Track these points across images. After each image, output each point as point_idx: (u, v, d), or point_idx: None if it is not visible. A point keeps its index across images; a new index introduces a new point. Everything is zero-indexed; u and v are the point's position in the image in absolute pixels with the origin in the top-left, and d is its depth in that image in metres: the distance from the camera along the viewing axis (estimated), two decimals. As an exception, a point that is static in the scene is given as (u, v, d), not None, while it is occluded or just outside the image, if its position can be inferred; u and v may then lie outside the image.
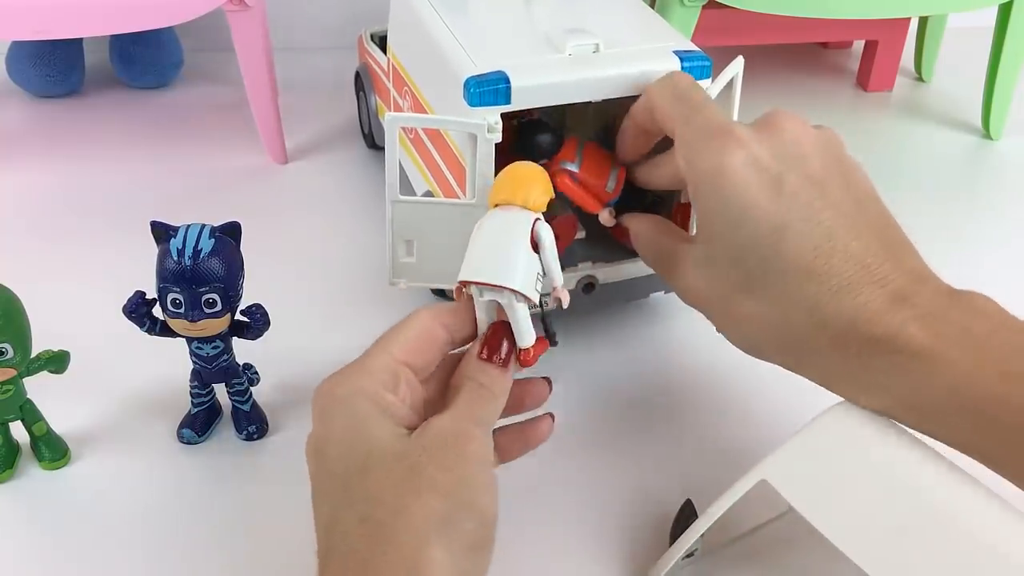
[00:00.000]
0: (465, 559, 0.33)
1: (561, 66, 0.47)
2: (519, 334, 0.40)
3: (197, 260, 0.43)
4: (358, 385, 0.36)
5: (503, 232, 0.40)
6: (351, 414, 0.36)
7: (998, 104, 0.76)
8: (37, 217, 0.66)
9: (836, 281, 0.38)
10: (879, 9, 0.71)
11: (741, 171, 0.40)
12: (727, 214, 0.40)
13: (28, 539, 0.44)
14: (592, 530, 0.45)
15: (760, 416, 0.49)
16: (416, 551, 0.32)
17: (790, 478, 0.38)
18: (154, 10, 0.64)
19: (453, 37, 0.50)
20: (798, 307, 0.39)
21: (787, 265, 0.39)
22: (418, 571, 0.32)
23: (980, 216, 0.70)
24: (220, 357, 0.47)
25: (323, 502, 0.35)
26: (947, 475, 0.36)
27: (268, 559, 0.43)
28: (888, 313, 0.37)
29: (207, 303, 0.44)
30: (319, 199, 0.69)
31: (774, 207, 0.39)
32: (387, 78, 0.63)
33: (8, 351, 0.43)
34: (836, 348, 0.38)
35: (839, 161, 0.42)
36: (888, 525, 0.35)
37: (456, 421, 0.36)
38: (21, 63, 0.78)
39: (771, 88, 0.85)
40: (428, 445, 0.35)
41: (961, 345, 0.36)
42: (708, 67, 0.49)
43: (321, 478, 0.36)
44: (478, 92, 0.46)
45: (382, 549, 0.32)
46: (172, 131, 0.76)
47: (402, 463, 0.34)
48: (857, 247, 0.39)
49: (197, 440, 0.48)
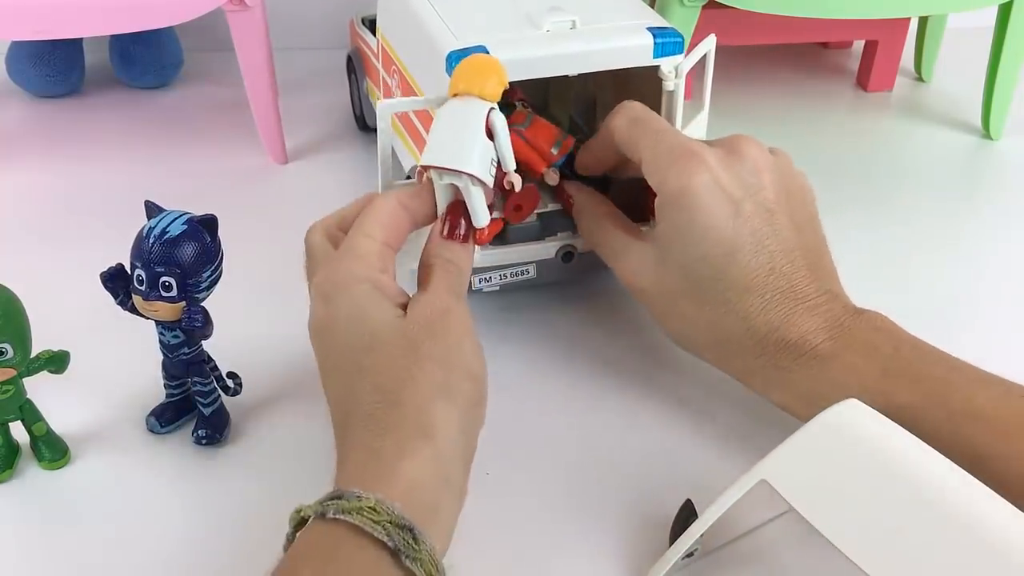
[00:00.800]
0: (465, 414, 0.40)
1: (539, 41, 0.50)
2: (474, 214, 0.44)
3: (160, 240, 0.44)
4: (354, 271, 0.42)
5: (461, 120, 0.44)
6: (352, 297, 0.41)
7: (998, 104, 0.76)
8: (37, 217, 0.66)
9: (768, 297, 0.45)
10: (879, 9, 0.71)
11: (704, 193, 0.45)
12: (689, 231, 0.46)
13: (28, 539, 0.44)
14: (591, 530, 0.45)
15: (760, 415, 0.49)
16: (424, 410, 0.38)
17: (789, 478, 0.38)
18: (154, 10, 0.64)
19: (437, 15, 0.52)
20: (735, 315, 0.46)
21: (732, 282, 0.45)
22: (428, 425, 0.38)
23: (980, 216, 0.70)
24: (180, 348, 0.47)
25: (336, 377, 0.41)
26: (946, 474, 0.36)
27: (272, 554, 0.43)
28: (803, 324, 0.45)
29: (163, 285, 0.44)
30: (319, 199, 0.68)
31: (730, 231, 0.45)
32: (377, 60, 0.65)
33: (8, 351, 0.43)
34: (757, 350, 0.46)
35: (788, 191, 0.48)
36: (887, 525, 0.35)
37: (437, 297, 0.42)
38: (21, 63, 0.78)
39: (771, 88, 0.85)
40: (420, 321, 0.40)
41: (855, 349, 0.44)
42: (680, 43, 0.51)
43: (333, 357, 0.41)
44: None
45: (397, 412, 0.38)
46: (172, 131, 0.76)
47: (402, 340, 0.40)
48: (790, 270, 0.46)
49: (159, 431, 0.49)
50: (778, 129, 0.79)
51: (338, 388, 0.41)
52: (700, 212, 0.45)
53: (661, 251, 0.47)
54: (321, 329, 0.42)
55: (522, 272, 0.54)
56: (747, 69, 0.87)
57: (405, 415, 0.38)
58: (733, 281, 0.45)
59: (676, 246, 0.47)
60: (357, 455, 0.38)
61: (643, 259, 0.48)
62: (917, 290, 0.60)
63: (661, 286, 0.48)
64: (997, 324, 0.58)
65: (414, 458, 0.37)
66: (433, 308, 0.41)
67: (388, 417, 0.38)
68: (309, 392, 0.51)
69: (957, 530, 0.34)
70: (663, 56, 0.51)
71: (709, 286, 0.46)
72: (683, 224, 0.46)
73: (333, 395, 0.41)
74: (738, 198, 0.46)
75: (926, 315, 0.48)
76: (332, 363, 0.42)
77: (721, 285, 0.46)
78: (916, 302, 0.53)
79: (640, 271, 0.49)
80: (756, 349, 0.46)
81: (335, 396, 0.41)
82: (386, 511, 0.34)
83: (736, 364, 0.47)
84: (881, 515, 0.36)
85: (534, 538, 0.44)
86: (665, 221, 0.47)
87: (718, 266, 0.45)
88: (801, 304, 0.45)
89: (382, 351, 0.40)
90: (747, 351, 0.46)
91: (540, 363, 0.54)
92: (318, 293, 0.43)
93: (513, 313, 0.57)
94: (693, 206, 0.45)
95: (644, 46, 0.50)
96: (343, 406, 0.40)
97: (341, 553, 0.34)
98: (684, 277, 0.47)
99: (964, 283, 0.62)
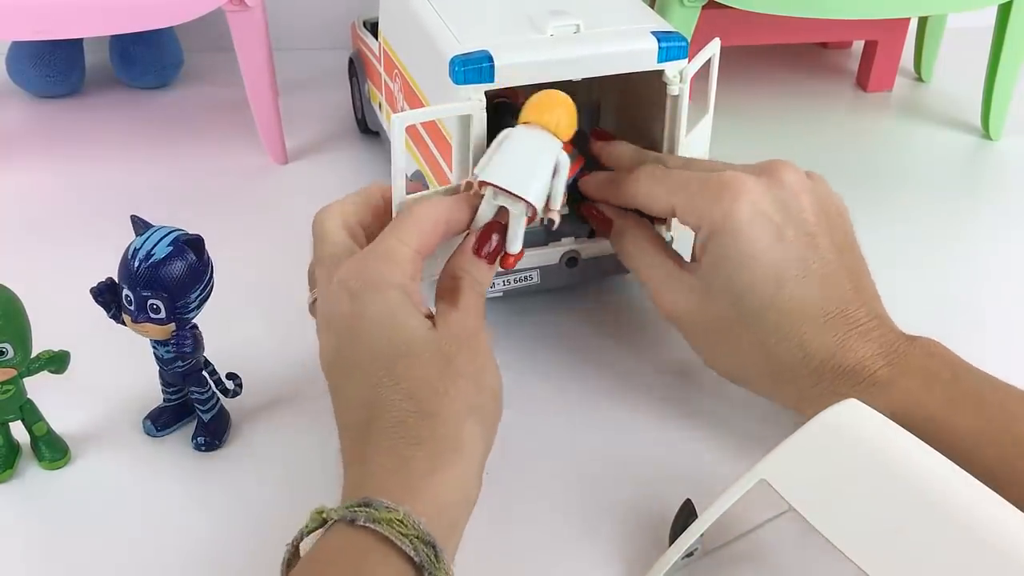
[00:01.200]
0: (487, 430, 0.41)
1: (543, 45, 0.49)
2: (514, 239, 0.45)
3: (145, 263, 0.43)
4: (387, 275, 0.41)
5: (534, 150, 0.44)
6: (384, 301, 0.41)
7: (998, 104, 0.76)
8: (37, 217, 0.66)
9: (821, 322, 0.45)
10: (879, 9, 0.71)
11: (746, 220, 0.45)
12: (735, 259, 0.45)
13: (28, 539, 0.44)
14: (591, 530, 0.45)
15: (759, 414, 0.49)
16: (458, 426, 0.39)
17: (789, 478, 0.38)
18: (154, 10, 0.64)
19: (440, 19, 0.52)
20: (788, 343, 0.45)
21: (783, 309, 0.45)
22: (460, 440, 0.38)
23: (980, 216, 0.70)
24: (174, 362, 0.47)
25: (360, 378, 0.40)
26: (947, 474, 0.36)
27: (272, 554, 0.43)
28: (859, 350, 0.44)
29: (151, 308, 0.44)
30: (319, 199, 0.68)
31: (775, 257, 0.45)
32: (378, 63, 0.65)
33: (8, 351, 0.43)
34: (814, 378, 0.45)
35: (827, 213, 0.47)
36: (888, 525, 0.35)
37: (468, 316, 0.42)
38: (21, 63, 0.78)
39: (771, 88, 0.85)
40: (453, 338, 0.41)
41: (911, 375, 0.43)
42: (684, 47, 0.51)
43: (355, 356, 0.41)
44: (463, 70, 0.47)
45: (430, 424, 0.38)
46: (172, 131, 0.76)
47: (437, 353, 0.40)
48: (838, 294, 0.45)
49: (154, 434, 0.48)
50: (778, 129, 0.79)
51: (362, 389, 0.40)
52: (744, 239, 0.45)
53: (707, 283, 0.47)
54: (343, 326, 0.42)
55: (526, 278, 0.54)
56: (747, 69, 0.87)
57: (438, 428, 0.38)
58: (783, 308, 0.45)
59: (722, 276, 0.46)
60: (385, 460, 0.38)
61: (688, 291, 0.48)
62: (917, 290, 0.60)
63: (707, 318, 0.47)
64: (997, 324, 0.58)
65: (444, 473, 0.37)
66: (465, 327, 0.41)
67: (421, 427, 0.38)
68: (308, 393, 0.51)
69: (957, 530, 0.34)
70: (667, 60, 0.50)
71: (759, 315, 0.45)
72: (728, 253, 0.45)
73: (355, 395, 0.40)
74: (779, 223, 0.45)
75: (926, 315, 0.48)
76: (353, 362, 0.41)
77: (772, 313, 0.45)
78: (916, 302, 0.53)
79: (684, 303, 0.48)
80: (812, 377, 0.45)
81: (357, 396, 0.40)
82: (412, 525, 0.34)
83: (789, 393, 0.46)
84: (882, 515, 0.36)
85: (533, 538, 0.44)
86: (709, 253, 0.46)
87: (766, 293, 0.45)
88: (854, 329, 0.45)
89: (416, 361, 0.40)
90: (802, 379, 0.45)
91: (538, 365, 0.54)
92: (343, 288, 0.42)
93: (514, 316, 0.57)
94: (737, 232, 0.45)
95: (648, 50, 0.50)
96: (367, 408, 0.40)
97: (368, 563, 0.34)
98: (732, 307, 0.46)
99: (964, 283, 0.62)
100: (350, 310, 0.41)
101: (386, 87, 0.64)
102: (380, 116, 0.69)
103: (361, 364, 0.40)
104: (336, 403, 0.42)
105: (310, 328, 0.55)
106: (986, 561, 0.33)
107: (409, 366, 0.39)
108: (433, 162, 0.54)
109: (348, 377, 0.41)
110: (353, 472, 0.39)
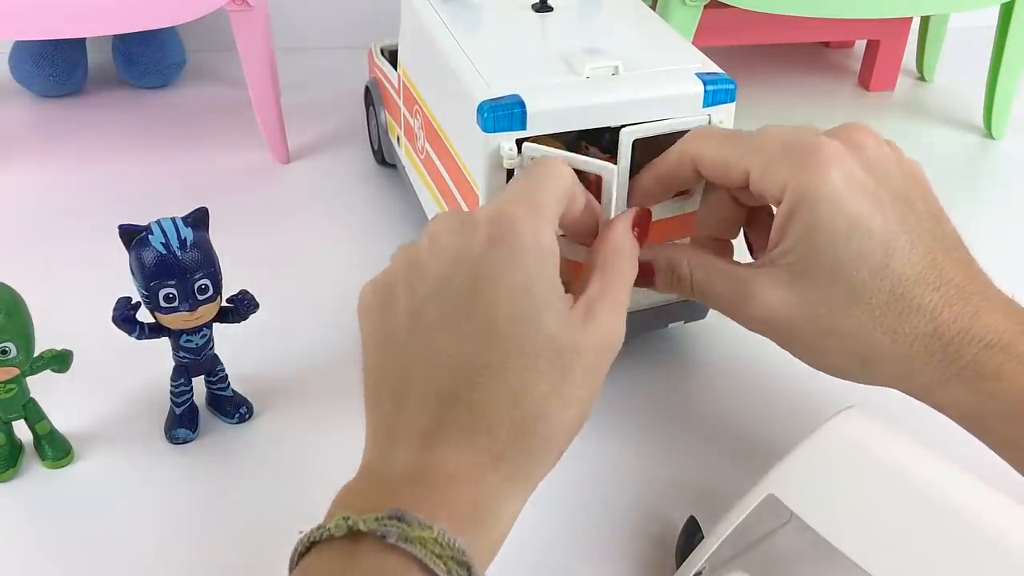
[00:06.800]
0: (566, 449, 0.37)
1: (579, 89, 0.45)
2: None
3: (186, 249, 0.43)
4: (534, 257, 0.36)
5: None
6: (528, 285, 0.36)
7: (1000, 103, 0.76)
8: (40, 216, 0.66)
9: (944, 290, 0.40)
10: (880, 9, 0.71)
11: (842, 185, 0.40)
12: (834, 226, 0.40)
13: (31, 538, 0.44)
14: (593, 552, 0.44)
15: (755, 425, 0.49)
16: (552, 459, 0.36)
17: (797, 490, 0.37)
18: (157, 10, 0.64)
19: (465, 56, 0.48)
20: (915, 315, 0.39)
21: (900, 277, 0.40)
22: (538, 464, 0.35)
23: (983, 215, 0.70)
24: (207, 346, 0.47)
25: (466, 330, 0.35)
26: (956, 480, 0.36)
27: (277, 554, 0.43)
28: (992, 320, 0.39)
29: (200, 289, 0.44)
30: (322, 199, 0.69)
31: (880, 220, 0.40)
32: (397, 95, 0.62)
33: (11, 350, 0.43)
34: (951, 354, 0.39)
35: (915, 178, 0.43)
36: (897, 533, 0.35)
37: (615, 317, 0.38)
38: (24, 63, 0.78)
39: (772, 88, 0.85)
40: (592, 349, 0.36)
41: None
42: (732, 90, 0.47)
43: (477, 317, 0.35)
44: (492, 117, 0.44)
45: (521, 436, 0.34)
46: (175, 131, 0.76)
47: (557, 360, 0.35)
48: (950, 260, 0.40)
49: (192, 437, 0.48)
50: (780, 129, 0.79)
51: (466, 353, 0.35)
52: (843, 204, 0.40)
53: (798, 266, 0.41)
54: (465, 259, 0.36)
55: None
56: (748, 69, 0.86)
57: (537, 455, 0.35)
58: (900, 275, 0.40)
59: (820, 250, 0.40)
60: (454, 462, 0.34)
61: (777, 285, 0.41)
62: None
63: (808, 309, 0.41)
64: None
65: (514, 501, 0.35)
66: (610, 343, 0.37)
67: (508, 432, 0.34)
68: (316, 390, 0.51)
69: (967, 534, 0.34)
70: (714, 105, 0.46)
71: (873, 286, 0.40)
72: (825, 221, 0.40)
73: (448, 348, 0.35)
74: (873, 189, 0.41)
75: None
76: (462, 311, 0.35)
77: (887, 283, 0.40)
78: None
79: (776, 299, 0.41)
80: (947, 354, 0.39)
81: (451, 353, 0.35)
82: (448, 544, 0.31)
83: (921, 377, 0.40)
84: (891, 523, 0.35)
85: (537, 556, 0.43)
86: (799, 227, 0.40)
87: (877, 261, 0.40)
88: (976, 296, 0.40)
89: (536, 362, 0.35)
90: (935, 356, 0.39)
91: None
92: (490, 219, 0.36)
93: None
94: (834, 198, 0.40)
95: (694, 94, 0.46)
96: (456, 382, 0.35)
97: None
98: (833, 282, 0.40)
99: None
100: (481, 250, 0.36)
101: (405, 122, 0.60)
102: (399, 150, 0.64)
103: (470, 315, 0.35)
104: (412, 348, 0.36)
105: (313, 327, 0.55)
106: (997, 566, 0.33)
107: (525, 362, 0.35)
108: (448, 195, 0.52)
109: (442, 327, 0.36)
110: (406, 435, 0.35)
